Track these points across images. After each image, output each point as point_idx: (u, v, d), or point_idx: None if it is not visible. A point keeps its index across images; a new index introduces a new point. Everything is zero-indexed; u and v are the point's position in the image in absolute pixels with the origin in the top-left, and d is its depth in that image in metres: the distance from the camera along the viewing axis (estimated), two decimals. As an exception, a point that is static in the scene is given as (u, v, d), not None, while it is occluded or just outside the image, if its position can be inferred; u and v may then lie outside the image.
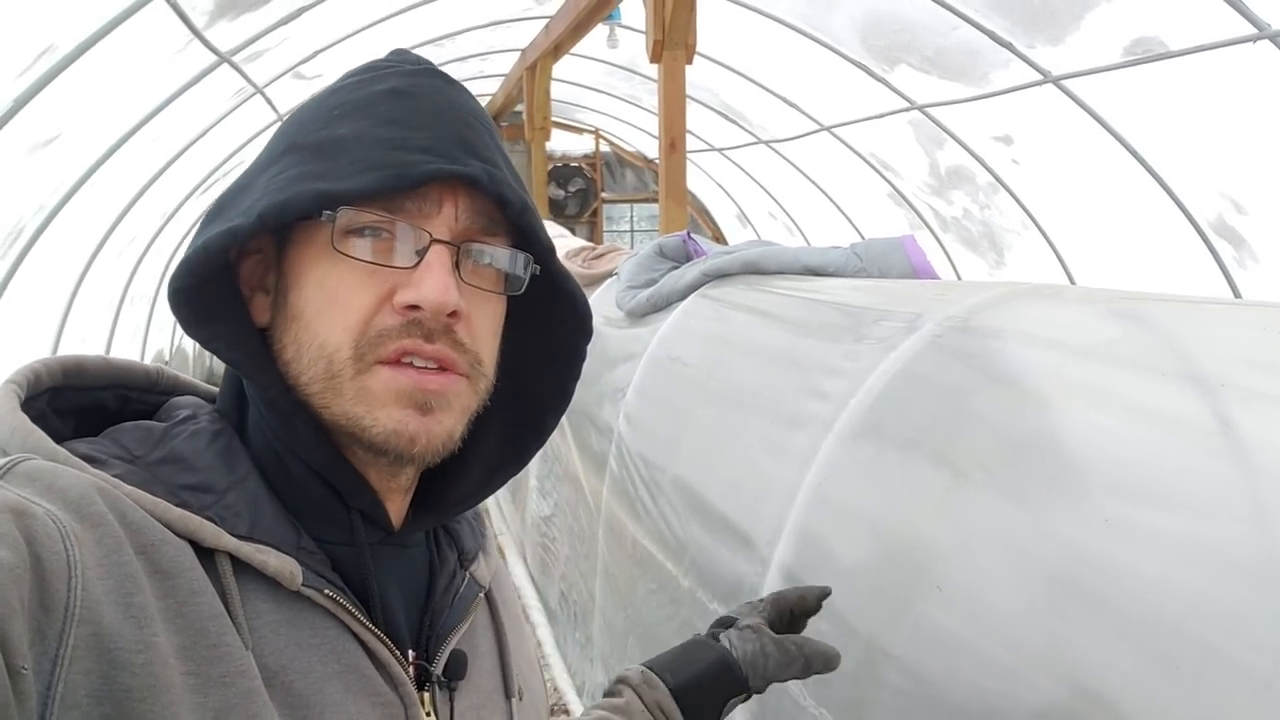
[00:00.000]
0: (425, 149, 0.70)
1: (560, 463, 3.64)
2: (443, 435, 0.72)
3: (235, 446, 0.73)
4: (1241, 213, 5.14)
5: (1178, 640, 0.99)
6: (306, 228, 0.72)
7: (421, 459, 0.73)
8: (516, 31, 8.86)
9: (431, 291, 0.69)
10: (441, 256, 0.71)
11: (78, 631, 0.56)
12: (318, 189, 0.69)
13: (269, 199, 0.69)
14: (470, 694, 0.79)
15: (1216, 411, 1.10)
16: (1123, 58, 4.84)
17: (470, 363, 0.73)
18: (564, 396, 0.85)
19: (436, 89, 0.75)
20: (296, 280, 0.73)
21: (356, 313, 0.70)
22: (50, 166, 4.88)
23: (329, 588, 0.70)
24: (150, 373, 0.81)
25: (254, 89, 6.83)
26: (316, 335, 0.71)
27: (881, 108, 7.18)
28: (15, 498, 0.58)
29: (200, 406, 0.77)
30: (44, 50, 3.90)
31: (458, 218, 0.72)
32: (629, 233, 14.25)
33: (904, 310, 1.70)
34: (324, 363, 0.70)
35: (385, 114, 0.72)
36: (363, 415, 0.70)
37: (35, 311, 5.64)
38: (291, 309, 0.73)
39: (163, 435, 0.72)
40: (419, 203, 0.71)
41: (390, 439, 0.70)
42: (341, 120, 0.73)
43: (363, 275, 0.70)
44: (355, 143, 0.71)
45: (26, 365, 0.73)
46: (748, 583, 1.73)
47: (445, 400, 0.72)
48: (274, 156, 0.74)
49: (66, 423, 0.74)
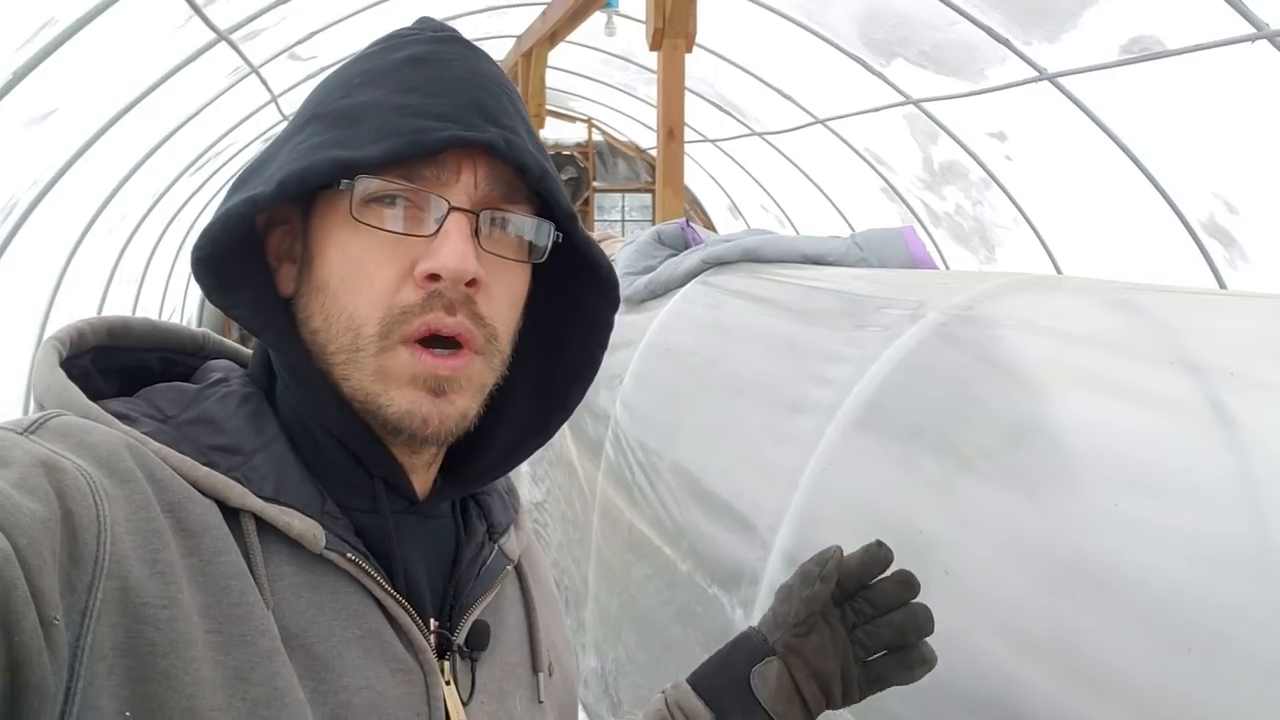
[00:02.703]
0: (443, 116, 0.70)
1: (553, 448, 3.63)
2: (456, 416, 0.73)
3: (264, 410, 0.74)
4: (1233, 213, 5.17)
5: (1181, 625, 1.00)
6: (329, 197, 0.72)
7: (435, 440, 0.73)
8: (513, 18, 8.83)
9: (450, 259, 0.69)
10: (460, 224, 0.71)
11: (106, 585, 0.57)
12: (335, 156, 0.69)
13: (289, 167, 0.70)
14: (493, 665, 0.79)
15: (1216, 400, 1.11)
16: (1119, 56, 4.86)
17: (487, 337, 0.73)
18: (591, 366, 0.85)
19: (457, 55, 0.76)
20: (320, 250, 0.73)
21: (382, 286, 0.70)
22: (46, 141, 4.86)
23: (351, 551, 0.70)
24: (196, 337, 0.83)
25: (250, 68, 6.80)
26: (345, 306, 0.71)
27: (877, 101, 7.19)
28: (47, 452, 0.59)
29: (233, 370, 0.78)
30: (45, 23, 3.88)
31: (477, 185, 0.72)
32: (620, 222, 14.22)
33: (907, 298, 1.71)
34: (351, 335, 0.71)
35: (405, 81, 0.73)
36: (379, 393, 0.71)
37: (25, 289, 5.62)
38: (316, 278, 0.73)
39: (195, 396, 0.73)
40: (437, 170, 0.71)
41: (404, 419, 0.71)
42: (362, 88, 0.73)
43: (384, 245, 0.71)
44: (374, 110, 0.71)
45: (72, 323, 0.74)
46: (749, 567, 1.74)
47: (459, 382, 0.72)
48: (298, 126, 0.75)
49: (110, 382, 0.75)
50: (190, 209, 8.91)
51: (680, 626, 2.04)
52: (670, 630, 2.10)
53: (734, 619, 1.75)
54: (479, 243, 0.72)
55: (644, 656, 2.34)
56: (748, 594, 1.71)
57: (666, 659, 2.14)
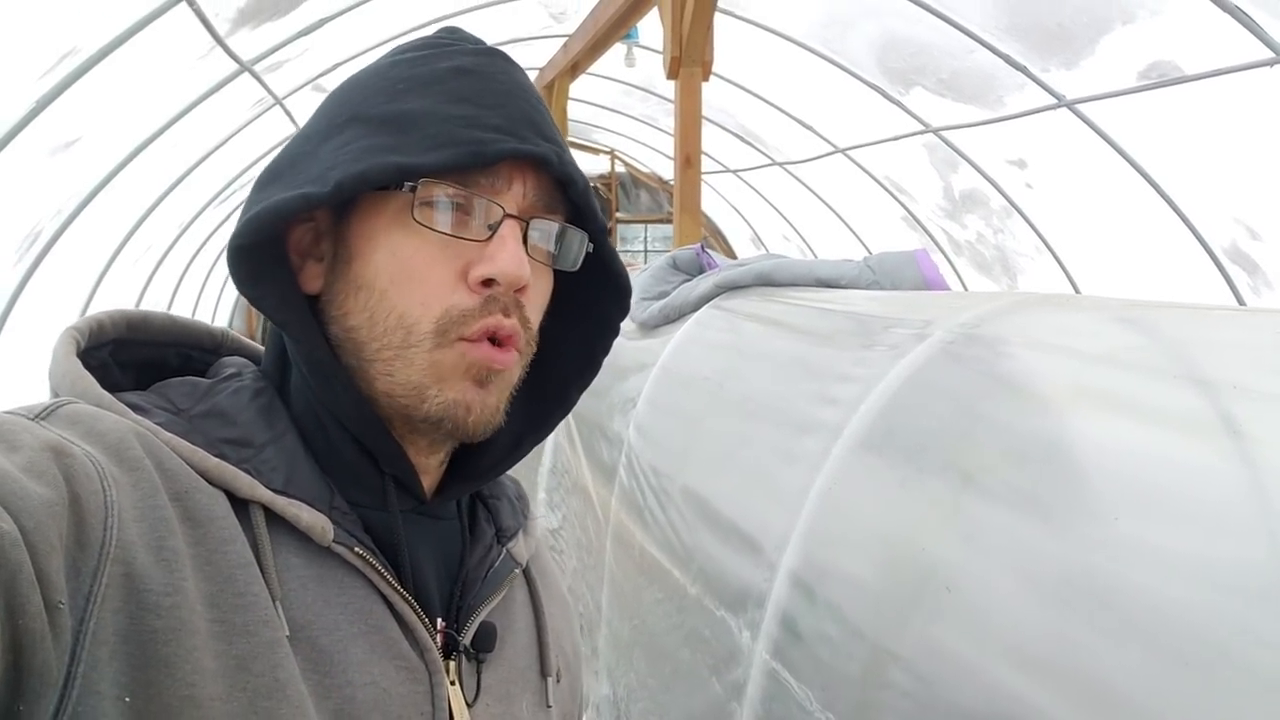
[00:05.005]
0: (498, 128, 0.73)
1: (569, 475, 3.63)
2: (493, 408, 0.75)
3: (276, 405, 0.75)
4: (1256, 239, 5.13)
5: (1188, 642, 0.99)
6: (375, 198, 0.74)
7: (474, 431, 0.75)
8: (535, 50, 8.92)
9: (508, 264, 0.72)
10: (514, 230, 0.74)
11: (111, 571, 0.58)
12: (396, 161, 0.71)
13: (344, 169, 0.71)
14: (500, 668, 0.80)
15: (1224, 414, 1.10)
16: (1138, 82, 4.85)
17: (528, 340, 0.76)
18: (592, 367, 0.87)
19: (501, 69, 0.78)
20: (363, 250, 0.74)
21: (435, 287, 0.72)
22: (70, 170, 4.93)
23: (359, 546, 0.71)
24: (215, 334, 0.84)
25: (274, 100, 6.89)
26: (395, 306, 0.73)
27: (896, 130, 7.20)
28: (56, 437, 0.60)
29: (246, 366, 0.80)
30: (67, 52, 3.95)
31: (525, 195, 0.75)
32: (643, 252, 14.29)
33: (914, 318, 1.70)
34: (401, 333, 0.72)
35: (455, 91, 0.75)
36: (428, 385, 0.72)
37: (51, 317, 5.67)
38: (357, 278, 0.74)
39: (207, 390, 0.75)
40: (492, 179, 0.74)
41: (449, 408, 0.73)
42: (409, 95, 0.75)
43: (436, 247, 0.73)
44: (427, 118, 0.73)
45: (91, 314, 0.76)
46: (755, 589, 1.73)
47: (503, 376, 0.75)
48: (335, 126, 0.76)
49: (127, 375, 0.77)
50: (217, 240, 9.02)
51: (689, 650, 2.02)
52: (679, 654, 2.09)
53: (741, 642, 1.73)
54: (526, 250, 0.75)
55: (654, 682, 2.32)
56: (754, 616, 1.70)
57: (676, 684, 2.12)
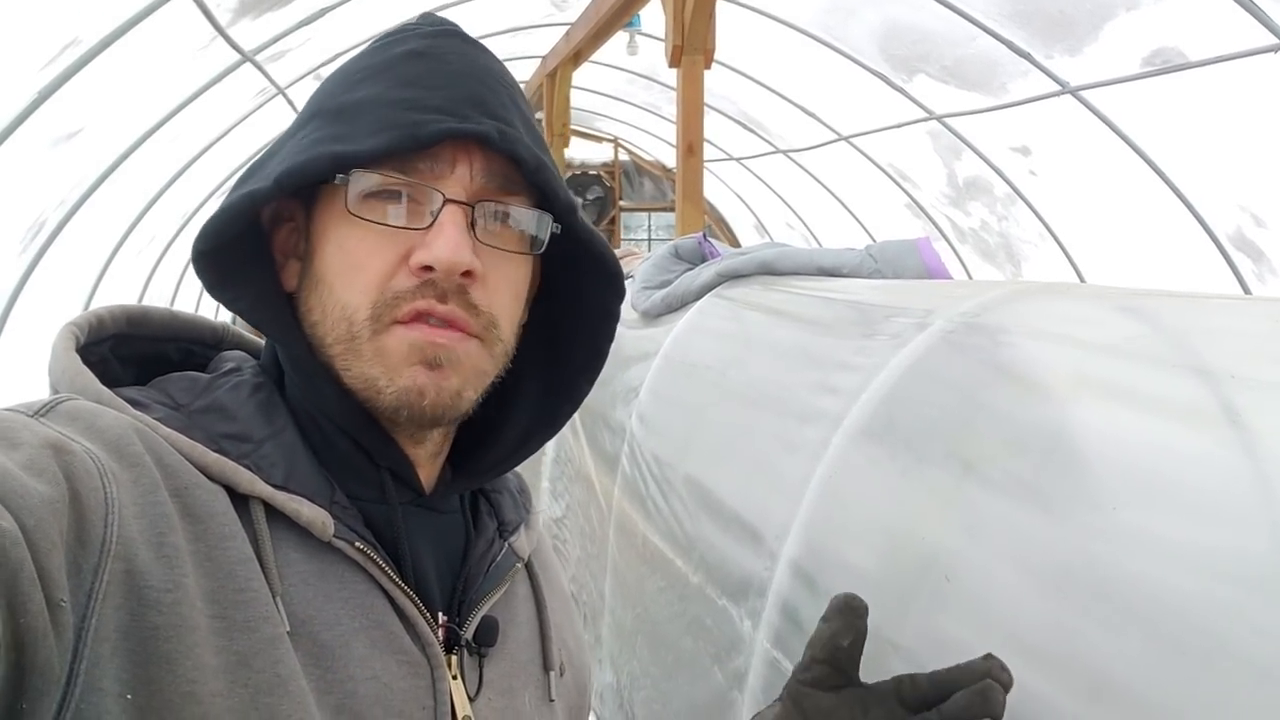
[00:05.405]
0: (438, 109, 0.71)
1: (572, 464, 3.64)
2: (451, 392, 0.73)
3: (275, 400, 0.75)
4: (1261, 226, 5.11)
5: (1188, 631, 0.99)
6: (328, 192, 0.73)
7: (433, 416, 0.73)
8: (537, 38, 8.89)
9: (443, 251, 0.70)
10: (455, 216, 0.71)
11: (112, 568, 0.58)
12: (333, 151, 0.70)
13: (287, 162, 0.71)
14: (502, 662, 0.79)
15: (1224, 403, 1.10)
16: (1141, 68, 4.83)
17: (484, 325, 0.74)
18: (597, 358, 0.85)
19: (454, 49, 0.76)
20: (319, 244, 0.74)
21: (374, 275, 0.71)
22: (72, 161, 4.93)
23: (360, 540, 0.71)
24: (216, 329, 0.84)
25: (276, 89, 6.87)
26: (339, 298, 0.72)
27: (900, 117, 7.18)
28: (56, 434, 0.60)
29: (246, 361, 0.80)
30: (69, 43, 3.95)
31: (472, 177, 0.73)
32: (646, 240, 14.26)
33: (915, 307, 1.70)
34: (345, 324, 0.72)
35: (403, 76, 0.73)
36: (379, 376, 0.71)
37: (55, 308, 5.68)
38: (315, 273, 0.74)
39: (207, 385, 0.74)
40: (431, 163, 0.72)
41: (402, 396, 0.71)
42: (362, 84, 0.74)
43: (380, 237, 0.72)
44: (373, 105, 0.72)
45: (91, 310, 0.76)
46: (756, 578, 1.73)
47: (454, 356, 0.72)
48: (300, 123, 0.76)
49: (128, 370, 0.76)
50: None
51: (691, 639, 2.03)
52: (681, 643, 2.09)
53: (742, 631, 1.74)
54: (475, 235, 0.72)
55: (656, 670, 2.32)
56: (755, 605, 1.70)
57: (678, 672, 2.13)
